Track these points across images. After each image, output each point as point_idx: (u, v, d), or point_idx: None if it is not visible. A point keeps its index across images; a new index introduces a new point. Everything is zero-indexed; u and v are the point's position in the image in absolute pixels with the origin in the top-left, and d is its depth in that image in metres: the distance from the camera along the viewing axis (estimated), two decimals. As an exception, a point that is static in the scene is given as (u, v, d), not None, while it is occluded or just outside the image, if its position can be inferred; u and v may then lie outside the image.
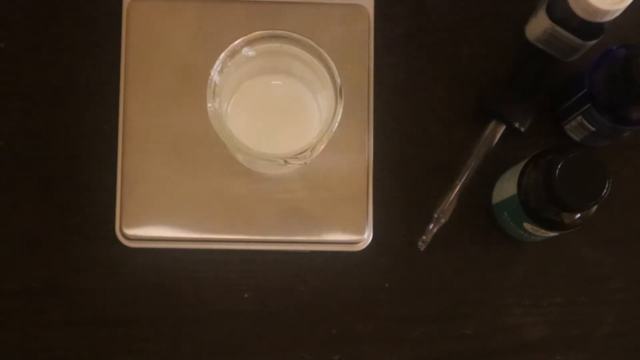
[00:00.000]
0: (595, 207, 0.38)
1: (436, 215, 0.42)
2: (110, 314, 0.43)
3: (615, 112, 0.39)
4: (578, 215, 0.38)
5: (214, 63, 0.40)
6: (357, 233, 0.41)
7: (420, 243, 0.43)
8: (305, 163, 0.37)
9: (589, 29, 0.40)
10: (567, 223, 0.38)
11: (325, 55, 0.36)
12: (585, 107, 0.40)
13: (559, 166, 0.36)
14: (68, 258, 0.43)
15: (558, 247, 0.44)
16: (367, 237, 0.42)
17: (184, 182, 0.41)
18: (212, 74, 0.35)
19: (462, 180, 0.43)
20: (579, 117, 0.41)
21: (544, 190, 0.37)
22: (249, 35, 0.36)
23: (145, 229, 0.41)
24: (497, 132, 0.43)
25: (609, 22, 0.39)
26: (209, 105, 0.35)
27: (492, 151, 0.43)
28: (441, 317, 0.43)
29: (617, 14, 0.38)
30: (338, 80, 0.36)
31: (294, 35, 0.36)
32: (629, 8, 0.38)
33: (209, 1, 0.42)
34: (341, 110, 0.35)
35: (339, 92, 0.36)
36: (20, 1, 0.44)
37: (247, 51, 0.36)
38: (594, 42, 0.41)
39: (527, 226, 0.39)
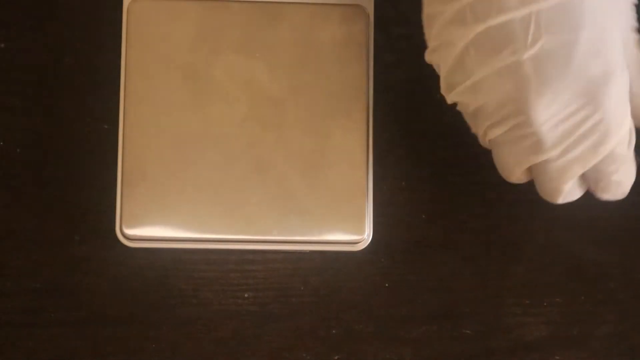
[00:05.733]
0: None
1: None
2: (110, 313, 0.43)
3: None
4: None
5: (214, 63, 0.41)
6: (357, 233, 0.41)
7: None
8: None
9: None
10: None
11: None
12: None
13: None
14: (68, 258, 0.43)
15: (557, 246, 0.44)
16: (367, 237, 0.42)
17: (185, 182, 0.41)
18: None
19: None
20: None
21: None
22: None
23: (146, 228, 0.41)
24: None
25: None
26: None
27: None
28: (441, 317, 0.43)
29: None
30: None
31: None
32: None
33: (209, 2, 0.42)
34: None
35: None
36: (21, 1, 0.44)
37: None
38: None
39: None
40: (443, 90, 0.37)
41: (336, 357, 0.43)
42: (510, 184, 0.43)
